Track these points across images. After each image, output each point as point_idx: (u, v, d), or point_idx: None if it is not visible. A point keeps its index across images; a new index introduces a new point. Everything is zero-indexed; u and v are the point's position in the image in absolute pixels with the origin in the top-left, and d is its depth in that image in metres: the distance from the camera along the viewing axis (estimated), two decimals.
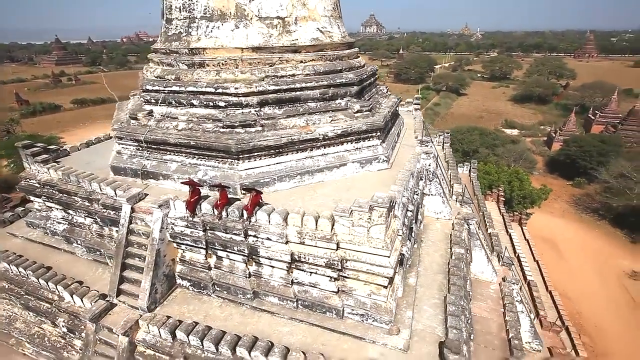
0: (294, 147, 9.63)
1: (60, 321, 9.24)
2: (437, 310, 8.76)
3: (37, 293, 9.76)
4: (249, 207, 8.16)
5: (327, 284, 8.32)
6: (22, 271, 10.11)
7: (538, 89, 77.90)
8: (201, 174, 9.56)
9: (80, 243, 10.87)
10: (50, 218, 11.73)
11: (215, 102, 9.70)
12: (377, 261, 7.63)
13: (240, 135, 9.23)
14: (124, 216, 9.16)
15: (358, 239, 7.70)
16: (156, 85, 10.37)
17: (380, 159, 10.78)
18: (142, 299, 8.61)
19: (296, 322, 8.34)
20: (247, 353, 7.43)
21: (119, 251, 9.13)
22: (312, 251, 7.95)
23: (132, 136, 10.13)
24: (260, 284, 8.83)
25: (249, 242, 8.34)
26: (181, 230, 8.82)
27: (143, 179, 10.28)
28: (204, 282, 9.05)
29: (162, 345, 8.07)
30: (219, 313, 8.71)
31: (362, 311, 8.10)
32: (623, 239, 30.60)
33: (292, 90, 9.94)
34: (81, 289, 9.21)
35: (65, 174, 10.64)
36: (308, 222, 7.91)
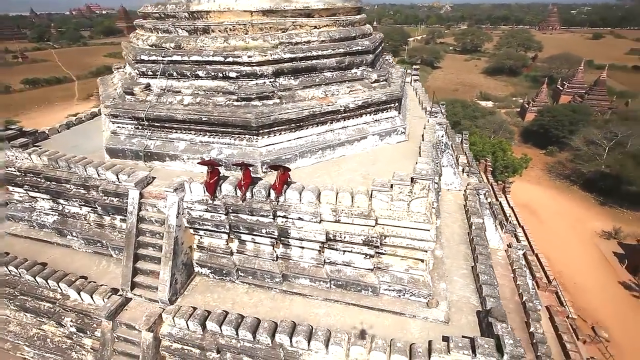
0: (314, 120, 8.98)
1: (68, 321, 8.40)
2: (468, 281, 8.76)
3: (34, 293, 8.78)
4: (278, 185, 7.55)
5: (362, 262, 8.01)
6: (13, 270, 9.02)
7: (509, 61, 79.76)
8: (215, 153, 8.73)
9: (77, 235, 9.84)
10: (36, 209, 10.49)
11: (225, 73, 8.75)
12: (418, 235, 7.37)
13: (259, 108, 8.43)
14: (132, 203, 8.26)
15: (398, 214, 7.37)
16: (153, 55, 9.19)
17: (398, 130, 10.37)
18: (162, 290, 7.93)
19: (331, 303, 8.04)
20: (288, 339, 7.07)
21: (130, 241, 8.29)
22: (349, 229, 7.55)
23: (130, 113, 9.01)
24: (289, 266, 8.38)
25: (278, 224, 7.80)
26: (200, 214, 8.09)
27: (146, 161, 9.28)
28: (226, 268, 8.46)
29: (191, 338, 7.53)
30: (247, 299, 8.23)
31: (400, 287, 7.91)
32: (593, 202, 32.72)
33: (309, 59, 9.16)
34: (89, 285, 8.35)
35: (52, 159, 9.41)
36: (344, 198, 7.45)
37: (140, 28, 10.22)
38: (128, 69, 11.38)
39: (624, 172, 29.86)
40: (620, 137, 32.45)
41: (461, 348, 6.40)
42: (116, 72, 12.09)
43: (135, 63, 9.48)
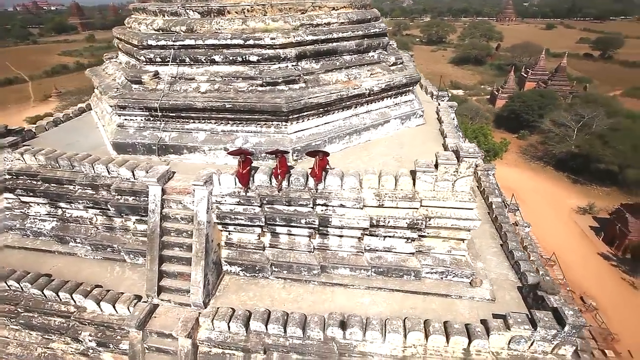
0: (340, 105, 8.63)
1: (85, 336, 7.58)
2: (501, 259, 8.83)
3: (42, 308, 7.85)
4: (317, 172, 7.16)
5: (403, 247, 7.83)
6: (14, 285, 8.02)
7: (474, 51, 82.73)
8: (240, 142, 8.16)
9: (81, 241, 8.92)
10: (29, 216, 9.40)
11: (245, 57, 8.17)
12: (463, 215, 7.28)
13: (286, 92, 7.95)
14: (154, 200, 7.54)
15: (442, 194, 7.23)
16: (161, 40, 8.42)
17: (417, 114, 10.26)
18: (195, 293, 7.33)
19: (374, 291, 7.80)
20: (341, 331, 6.76)
21: (153, 242, 7.59)
22: (393, 213, 7.33)
23: (141, 104, 8.21)
24: (327, 257, 8.04)
25: (318, 213, 7.42)
26: (231, 208, 7.54)
27: (160, 154, 8.53)
28: (259, 264, 7.98)
29: (233, 341, 7.02)
30: (286, 295, 7.81)
31: (442, 269, 7.81)
32: (566, 180, 34.76)
33: (329, 41, 8.77)
34: (109, 294, 7.58)
35: (51, 158, 8.43)
36: (387, 182, 7.21)
37: (141, 12, 9.35)
38: (123, 58, 10.43)
39: (592, 152, 31.90)
40: (586, 119, 34.60)
41: (521, 323, 6.39)
42: (108, 63, 11.04)
43: (140, 49, 8.65)
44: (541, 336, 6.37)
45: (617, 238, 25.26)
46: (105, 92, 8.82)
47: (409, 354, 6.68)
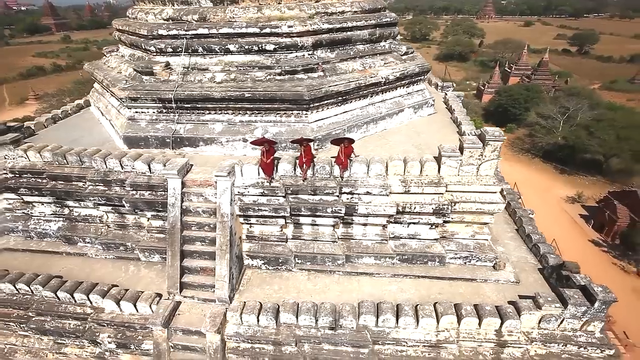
0: (358, 94, 8.56)
1: (104, 338, 7.25)
2: (518, 242, 8.94)
3: (56, 311, 7.48)
4: (344, 159, 7.07)
5: (427, 233, 7.83)
6: (23, 288, 7.61)
7: (458, 47, 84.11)
8: (259, 132, 7.98)
9: (91, 241, 8.56)
10: (33, 217, 8.96)
11: (261, 46, 8.00)
12: (488, 198, 7.33)
13: (305, 81, 7.83)
14: (174, 194, 7.29)
15: (467, 179, 7.26)
16: (173, 30, 8.14)
17: (429, 103, 10.30)
18: (220, 288, 7.12)
19: (400, 278, 7.78)
20: (374, 319, 6.70)
21: (174, 237, 7.33)
22: (419, 199, 7.31)
23: (153, 95, 7.91)
24: (351, 246, 7.97)
25: (344, 201, 7.33)
26: (254, 200, 7.36)
27: (175, 147, 8.26)
28: (282, 256, 7.84)
29: (263, 335, 6.86)
30: (312, 286, 7.69)
31: (466, 253, 7.86)
32: (554, 171, 35.76)
33: (344, 30, 8.69)
34: (128, 293, 7.27)
35: (59, 154, 8.04)
36: (412, 168, 7.19)
37: (148, 1, 9.02)
38: (126, 51, 10.06)
39: (578, 142, 32.91)
40: (571, 111, 35.69)
41: (552, 302, 6.48)
42: (109, 56, 10.63)
43: (150, 40, 8.35)
44: (571, 314, 6.48)
45: (606, 225, 26.14)
46: (114, 84, 8.46)
47: (442, 338, 6.68)
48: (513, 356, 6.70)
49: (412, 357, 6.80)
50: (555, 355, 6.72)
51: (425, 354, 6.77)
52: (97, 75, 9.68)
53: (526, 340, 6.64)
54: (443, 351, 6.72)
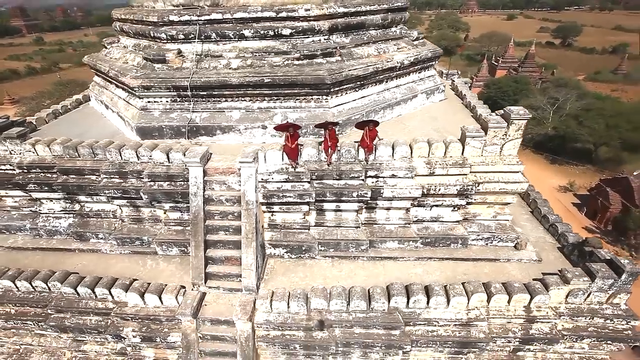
0: (374, 79, 8.50)
1: (128, 332, 7.05)
2: (535, 224, 9.05)
3: (76, 307, 7.23)
4: (369, 142, 7.02)
5: (450, 215, 7.86)
6: (40, 285, 7.33)
7: (444, 41, 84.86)
8: (279, 119, 7.85)
9: (105, 236, 8.30)
10: (41, 214, 8.64)
11: (277, 30, 7.86)
12: (511, 178, 7.40)
13: (325, 65, 7.73)
14: (195, 183, 7.12)
15: (490, 159, 7.31)
16: (184, 15, 7.92)
17: (440, 89, 10.32)
18: (247, 276, 7.01)
19: (424, 261, 7.79)
20: (405, 300, 6.70)
21: (198, 227, 7.17)
22: (443, 180, 7.32)
23: (168, 83, 7.69)
24: (374, 231, 7.94)
25: (369, 184, 7.29)
26: (278, 186, 7.25)
27: (190, 137, 8.07)
28: (306, 244, 7.75)
29: (294, 321, 6.78)
30: (337, 272, 7.63)
31: (488, 234, 7.92)
32: (545, 161, 36.53)
33: (359, 15, 8.61)
34: (152, 286, 7.09)
35: (70, 147, 7.76)
36: (437, 149, 7.18)
37: None
38: (129, 41, 9.76)
39: (568, 132, 33.69)
40: (561, 102, 36.47)
41: (579, 276, 6.58)
42: (112, 47, 10.30)
43: (160, 26, 8.11)
44: (598, 287, 6.60)
45: (599, 212, 26.84)
46: (123, 74, 8.20)
47: (472, 316, 6.72)
48: (541, 331, 6.80)
49: (442, 336, 6.82)
50: (582, 329, 6.84)
51: (456, 333, 6.80)
52: (101, 66, 9.36)
53: (554, 315, 6.74)
54: (473, 329, 6.77)
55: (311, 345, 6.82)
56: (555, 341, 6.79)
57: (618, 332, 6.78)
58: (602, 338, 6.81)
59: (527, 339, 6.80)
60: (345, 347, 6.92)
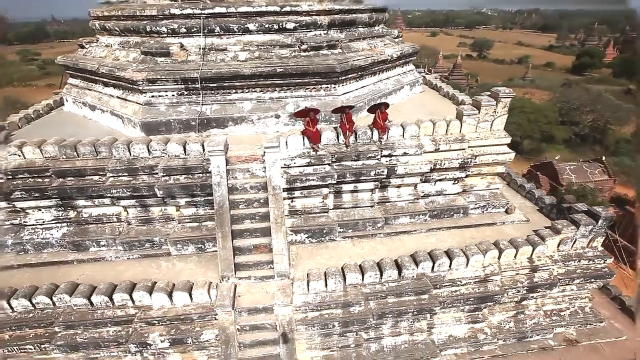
0: (371, 70, 9.18)
1: (155, 337, 6.58)
2: (512, 193, 10.32)
3: (90, 319, 6.55)
4: (382, 123, 7.58)
5: (452, 188, 8.70)
6: (43, 301, 6.52)
7: None
8: (291, 107, 8.07)
9: (108, 243, 7.68)
10: (27, 226, 7.71)
11: (282, 24, 8.17)
12: (501, 150, 8.48)
13: (331, 57, 8.19)
14: (218, 172, 7.00)
15: (483, 134, 8.32)
16: (187, 9, 7.86)
17: (419, 82, 11.40)
18: (279, 261, 7.03)
19: (434, 232, 8.48)
20: (430, 264, 7.27)
21: (224, 217, 7.02)
22: (447, 155, 8.13)
23: (176, 75, 7.51)
24: (388, 208, 8.46)
25: (384, 163, 7.81)
26: (300, 170, 7.44)
27: (201, 130, 7.90)
28: (326, 227, 7.98)
29: (332, 299, 6.94)
30: (360, 251, 7.96)
31: (484, 202, 8.90)
32: None
33: (351, 12, 9.28)
34: (179, 284, 6.73)
35: (67, 147, 7.14)
36: (440, 127, 8.00)
37: None
38: (113, 40, 9.29)
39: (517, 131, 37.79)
40: None
41: (567, 226, 7.76)
42: (90, 47, 9.65)
43: (160, 20, 7.92)
44: (581, 233, 7.83)
45: None
46: (122, 68, 7.79)
47: (488, 272, 7.51)
48: (542, 278, 7.81)
49: (465, 294, 7.50)
50: (572, 272, 8.00)
51: (476, 289, 7.52)
52: (87, 65, 8.74)
53: (551, 262, 7.82)
54: (490, 284, 7.55)
55: (349, 320, 7.02)
56: (554, 285, 7.86)
57: (597, 270, 8.07)
58: (587, 277, 8.03)
59: (532, 287, 7.76)
60: (379, 318, 7.23)
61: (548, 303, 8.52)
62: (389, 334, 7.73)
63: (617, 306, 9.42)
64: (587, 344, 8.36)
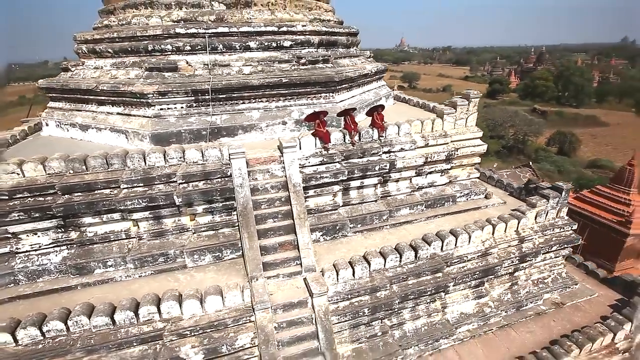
0: (357, 82, 10.21)
1: (187, 349, 6.24)
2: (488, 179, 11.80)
3: (113, 340, 6.04)
4: (380, 123, 8.48)
5: (439, 179, 9.76)
6: (56, 327, 5.90)
7: None
8: (296, 115, 8.63)
9: (117, 262, 7.25)
10: (19, 254, 6.99)
11: (279, 42, 8.92)
12: (476, 142, 9.83)
13: (326, 70, 9.06)
14: (240, 174, 7.20)
15: (461, 129, 9.64)
16: (191, 28, 8.27)
17: (391, 94, 12.76)
18: (306, 255, 7.27)
19: (432, 219, 9.33)
20: (440, 244, 8.01)
21: (248, 218, 7.13)
22: (435, 149, 9.23)
23: (187, 88, 7.71)
24: (389, 202, 9.18)
25: (384, 159, 8.62)
26: (315, 169, 7.92)
27: (211, 138, 8.03)
28: (339, 223, 8.42)
29: (360, 285, 7.26)
30: (372, 242, 8.45)
31: (467, 191, 10.08)
32: None
33: (333, 34, 10.40)
34: (210, 288, 6.57)
35: (75, 161, 6.85)
36: (427, 125, 9.15)
37: (143, 7, 8.77)
38: (104, 62, 9.24)
39: None
40: None
41: (539, 200, 9.14)
42: (76, 70, 9.43)
43: (165, 39, 8.20)
44: (551, 205, 9.26)
45: None
46: (129, 84, 7.80)
47: (487, 246, 8.46)
48: (529, 248, 8.97)
49: (471, 269, 8.30)
50: (549, 240, 9.29)
51: (479, 264, 8.38)
52: (81, 85, 8.52)
53: (533, 232, 9.05)
54: (489, 257, 8.48)
55: (377, 305, 7.33)
56: (538, 253, 9.06)
57: (567, 236, 9.48)
58: (560, 244, 9.38)
59: (521, 257, 8.85)
60: (402, 300, 7.67)
61: (534, 273, 9.68)
62: (409, 319, 8.15)
63: (583, 271, 10.97)
64: (571, 304, 9.58)
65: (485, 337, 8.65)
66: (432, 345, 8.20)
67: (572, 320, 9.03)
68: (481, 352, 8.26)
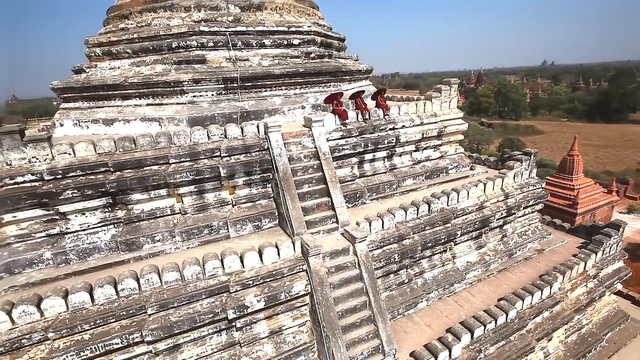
0: (354, 77, 11.67)
1: (251, 298, 6.76)
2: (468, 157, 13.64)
3: (184, 293, 6.42)
4: (385, 104, 9.93)
5: (433, 154, 11.34)
6: (129, 286, 6.19)
7: None
8: (312, 100, 9.79)
9: (164, 236, 7.65)
10: (69, 234, 7.16)
11: (290, 41, 10.19)
12: (458, 122, 11.63)
13: (332, 63, 10.45)
14: (278, 145, 8.10)
15: (445, 111, 11.40)
16: (214, 27, 9.27)
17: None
18: (341, 213, 8.22)
19: (432, 187, 10.74)
20: (446, 199, 9.40)
21: (289, 182, 7.97)
22: (429, 127, 10.82)
23: (218, 76, 8.57)
24: (396, 174, 10.49)
25: (390, 134, 9.99)
26: (336, 143, 9.03)
27: (241, 121, 8.85)
28: (358, 191, 9.52)
29: (389, 234, 8.32)
30: (387, 206, 9.59)
31: (456, 163, 11.75)
32: None
33: (329, 37, 11.95)
34: (265, 242, 7.23)
35: (126, 140, 7.34)
36: (421, 106, 10.77)
37: (163, 10, 9.60)
38: (121, 62, 9.81)
39: None
40: None
41: (516, 162, 11.02)
42: (91, 70, 9.84)
43: (190, 36, 9.08)
44: (524, 167, 11.18)
45: None
46: (162, 74, 8.48)
47: (482, 200, 10.01)
48: (512, 203, 10.68)
49: (471, 221, 9.74)
50: (526, 197, 11.11)
51: (477, 215, 9.86)
52: (107, 81, 8.99)
53: (514, 189, 10.82)
54: (485, 210, 10.01)
55: (404, 251, 8.41)
56: (520, 207, 10.80)
57: (539, 193, 11.40)
58: (535, 199, 11.25)
59: (508, 209, 10.51)
60: (423, 248, 8.82)
61: (517, 227, 11.40)
62: (428, 268, 9.30)
63: (552, 227, 12.97)
64: (549, 249, 11.37)
65: (489, 279, 10.02)
66: (448, 289, 9.37)
67: (553, 260, 10.75)
68: (488, 290, 9.58)
